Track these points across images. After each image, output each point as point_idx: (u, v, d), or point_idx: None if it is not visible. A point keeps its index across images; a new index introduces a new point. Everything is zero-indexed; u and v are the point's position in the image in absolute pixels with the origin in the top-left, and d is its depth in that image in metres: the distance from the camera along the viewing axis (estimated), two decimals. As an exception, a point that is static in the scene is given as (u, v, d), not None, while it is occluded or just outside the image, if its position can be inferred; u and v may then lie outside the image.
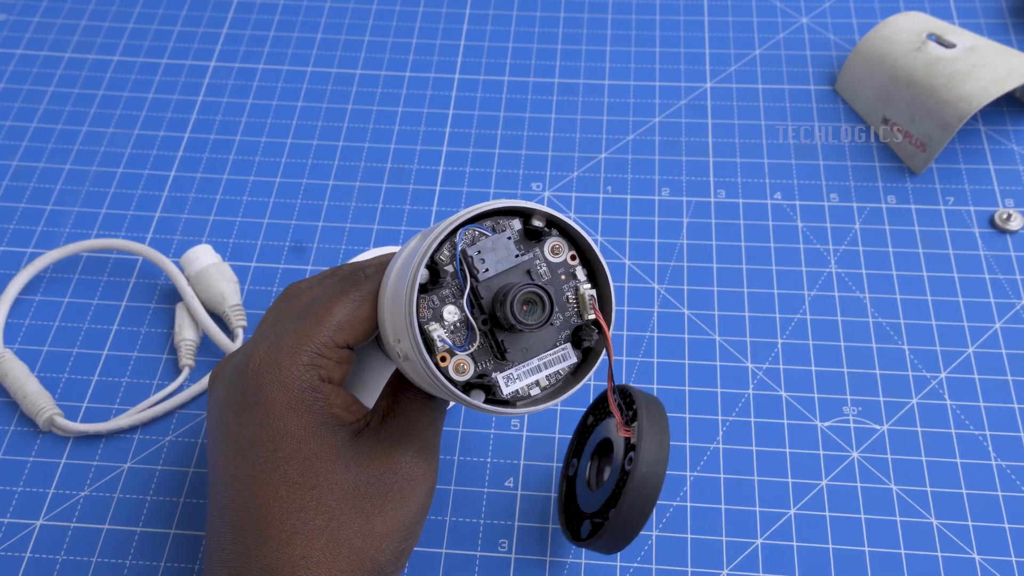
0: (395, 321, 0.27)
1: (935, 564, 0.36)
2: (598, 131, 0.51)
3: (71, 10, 0.58)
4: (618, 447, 0.32)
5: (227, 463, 0.29)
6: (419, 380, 0.28)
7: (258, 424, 0.29)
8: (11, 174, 0.50)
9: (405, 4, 0.57)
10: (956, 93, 0.46)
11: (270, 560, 0.28)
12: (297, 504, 0.28)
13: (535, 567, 0.37)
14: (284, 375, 0.29)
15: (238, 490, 0.29)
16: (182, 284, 0.43)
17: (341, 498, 0.29)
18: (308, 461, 0.29)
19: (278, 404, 0.29)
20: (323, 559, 0.28)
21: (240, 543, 0.28)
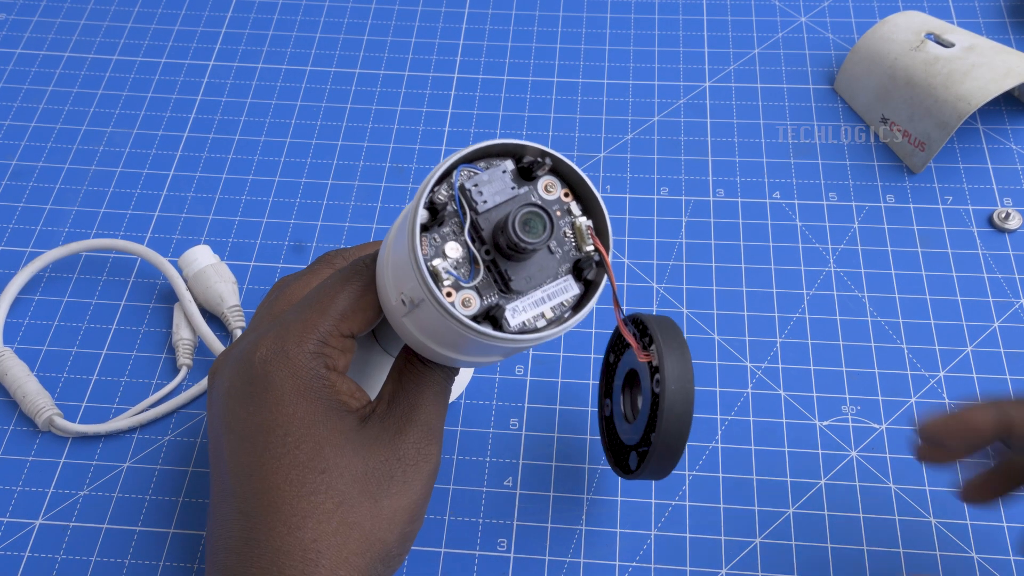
0: (398, 272, 0.28)
1: (934, 563, 0.36)
2: (597, 130, 0.51)
3: (70, 9, 0.58)
4: (643, 374, 0.33)
5: (234, 451, 0.29)
6: (425, 335, 0.29)
7: (267, 411, 0.29)
8: (10, 173, 0.50)
9: (404, 3, 0.57)
10: (955, 92, 0.46)
11: (280, 544, 0.28)
12: (308, 488, 0.29)
13: (534, 566, 0.37)
14: (292, 363, 0.29)
15: (247, 476, 0.29)
16: (180, 287, 0.43)
17: (350, 482, 0.29)
18: (318, 446, 0.29)
19: (287, 391, 0.29)
20: (333, 542, 0.28)
21: (249, 529, 0.29)
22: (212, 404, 0.31)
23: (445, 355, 0.29)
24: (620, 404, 0.35)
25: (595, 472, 0.39)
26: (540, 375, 0.42)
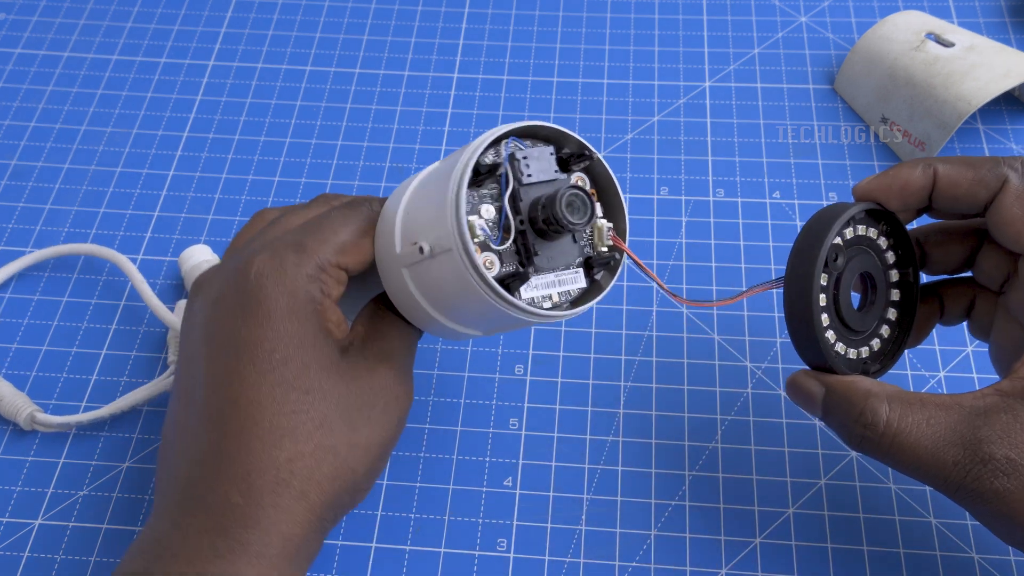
0: (422, 219, 0.29)
1: (934, 563, 0.36)
2: (597, 130, 0.51)
3: (70, 9, 0.58)
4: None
5: (215, 361, 0.29)
6: (422, 288, 0.29)
7: (257, 324, 0.29)
8: (10, 173, 0.50)
9: (404, 3, 0.57)
10: (955, 92, 0.46)
11: (254, 460, 0.28)
12: (290, 407, 0.29)
13: (534, 566, 0.37)
14: (288, 281, 0.29)
15: (226, 388, 0.28)
16: (138, 280, 0.43)
17: (332, 407, 0.29)
18: (304, 366, 0.29)
19: (280, 308, 0.29)
20: (308, 464, 0.28)
21: (219, 442, 0.28)
22: (194, 314, 0.31)
23: (428, 314, 0.30)
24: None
25: (595, 472, 0.39)
26: (540, 375, 0.42)
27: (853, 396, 0.29)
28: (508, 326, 0.31)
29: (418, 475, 0.39)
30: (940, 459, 0.28)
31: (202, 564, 0.27)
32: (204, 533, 0.27)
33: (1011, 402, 0.27)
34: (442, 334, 0.33)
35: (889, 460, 0.29)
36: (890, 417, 0.28)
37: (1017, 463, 0.26)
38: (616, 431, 0.40)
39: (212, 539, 0.27)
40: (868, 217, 0.33)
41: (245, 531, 0.27)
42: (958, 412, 0.28)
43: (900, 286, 0.33)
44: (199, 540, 0.27)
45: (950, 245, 0.33)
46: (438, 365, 0.42)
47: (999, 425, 0.27)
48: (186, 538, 0.27)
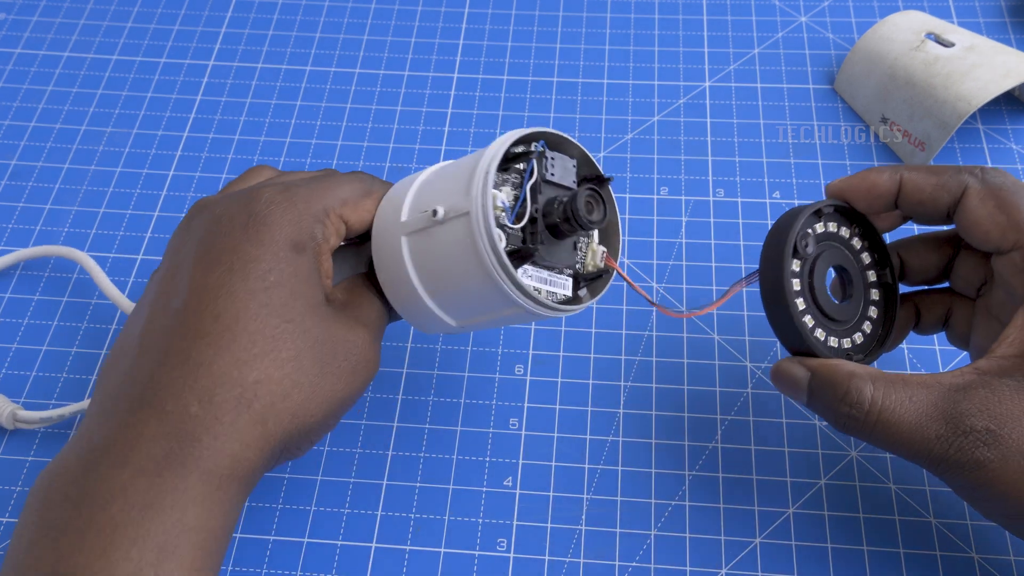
0: (440, 188, 0.30)
1: (934, 563, 0.36)
2: (597, 130, 0.51)
3: (70, 9, 0.58)
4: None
5: (207, 273, 0.29)
6: (417, 258, 0.31)
7: (258, 243, 0.29)
8: (9, 173, 0.50)
9: (404, 3, 0.57)
10: (955, 92, 0.46)
11: (224, 372, 0.28)
12: (271, 331, 0.29)
13: (534, 566, 0.37)
14: (296, 214, 0.30)
15: (211, 300, 0.28)
16: (98, 274, 0.42)
17: (308, 345, 0.29)
18: (293, 296, 0.29)
19: (283, 234, 0.30)
20: (273, 391, 0.28)
21: (189, 350, 0.28)
22: (191, 230, 0.31)
23: (412, 288, 0.31)
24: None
25: (595, 472, 0.39)
26: (540, 375, 0.42)
27: (837, 377, 0.31)
28: (487, 313, 0.31)
29: (418, 475, 0.39)
30: (923, 434, 0.29)
31: (148, 475, 0.26)
32: (156, 440, 0.27)
33: (988, 378, 0.29)
34: (416, 317, 0.33)
35: (874, 439, 0.30)
36: (874, 396, 0.30)
37: (997, 433, 0.28)
38: (616, 431, 0.40)
39: (164, 446, 0.27)
40: (840, 217, 0.34)
41: (198, 444, 0.27)
42: (938, 389, 0.29)
43: (881, 287, 0.35)
44: (149, 447, 0.27)
45: (927, 254, 0.35)
46: (438, 365, 0.42)
47: (978, 399, 0.28)
48: (135, 444, 0.27)
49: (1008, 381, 0.29)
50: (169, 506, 0.26)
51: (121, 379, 0.29)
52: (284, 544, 0.37)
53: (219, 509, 0.28)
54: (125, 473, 0.26)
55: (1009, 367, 0.29)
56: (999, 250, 0.31)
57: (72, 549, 0.26)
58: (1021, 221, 0.30)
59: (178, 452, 0.27)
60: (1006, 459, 0.28)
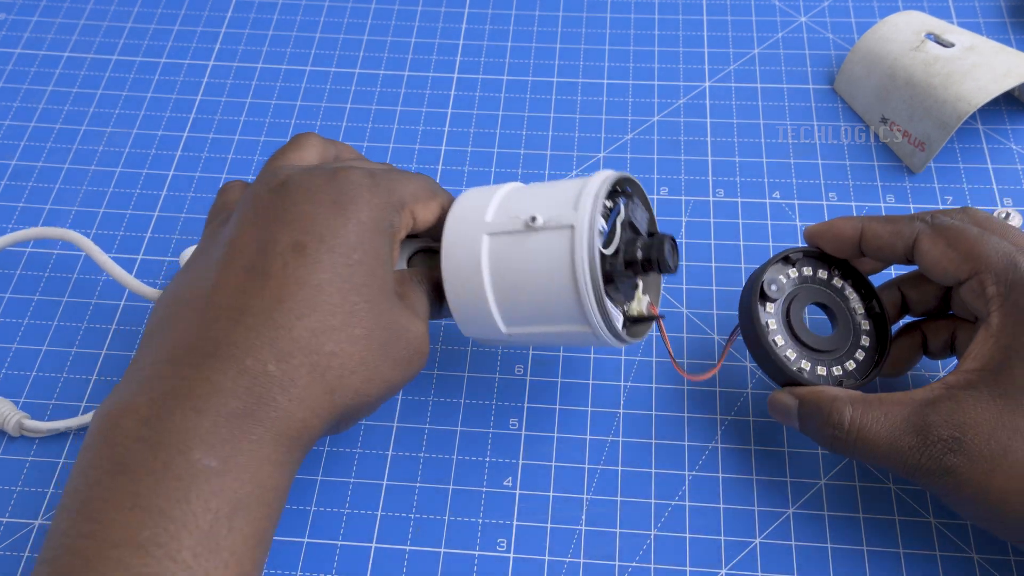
0: (539, 199, 0.33)
1: (934, 563, 0.36)
2: (597, 130, 0.51)
3: (70, 9, 0.58)
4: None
5: (293, 238, 0.29)
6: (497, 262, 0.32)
7: (346, 220, 0.30)
8: (10, 173, 0.50)
9: (404, 3, 0.57)
10: (954, 92, 0.46)
11: (301, 340, 0.28)
12: (350, 307, 0.30)
13: (534, 566, 0.37)
14: (380, 200, 0.31)
15: (296, 265, 0.29)
16: (100, 256, 0.42)
17: (380, 326, 0.30)
18: (372, 277, 0.30)
19: (369, 216, 0.31)
20: (345, 364, 0.29)
21: (271, 311, 0.28)
22: (275, 194, 0.31)
23: (480, 288, 0.33)
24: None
25: (595, 472, 0.39)
26: (540, 375, 0.42)
27: (821, 402, 0.34)
28: (546, 324, 0.33)
29: (418, 475, 0.39)
30: (898, 446, 0.32)
31: (228, 427, 0.27)
32: (235, 393, 0.27)
33: (954, 391, 0.32)
34: (467, 314, 0.34)
35: (858, 454, 0.33)
36: (853, 416, 0.33)
37: (961, 440, 0.31)
38: (616, 431, 0.40)
39: (242, 400, 0.27)
40: (816, 261, 0.39)
41: (273, 403, 0.28)
42: (911, 405, 0.32)
43: (871, 317, 0.38)
44: (228, 400, 0.27)
45: (925, 287, 0.38)
46: (438, 365, 0.42)
47: (945, 411, 0.31)
48: (213, 395, 0.27)
49: (972, 392, 0.31)
50: (245, 461, 0.27)
51: (191, 331, 0.29)
52: (284, 544, 0.37)
53: (285, 470, 0.28)
54: (205, 421, 0.27)
55: (974, 380, 0.32)
56: (958, 281, 0.34)
57: (149, 491, 0.26)
58: (969, 252, 0.33)
59: (254, 409, 0.27)
60: (972, 463, 0.30)
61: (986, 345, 0.32)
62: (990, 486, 0.30)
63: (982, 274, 0.33)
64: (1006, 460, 0.30)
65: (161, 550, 0.25)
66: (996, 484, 0.30)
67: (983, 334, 0.33)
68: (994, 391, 0.31)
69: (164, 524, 0.25)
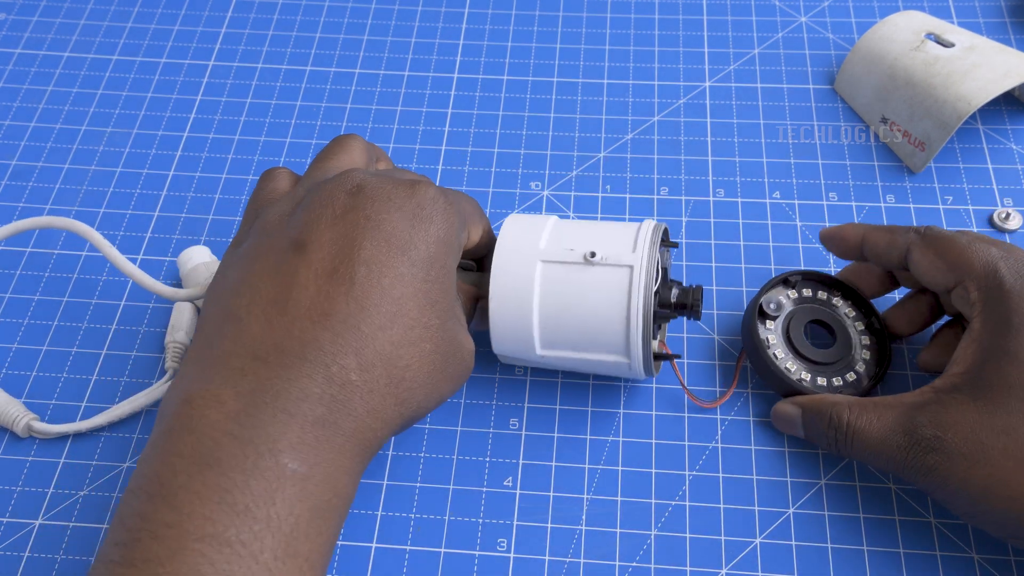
0: (597, 235, 0.36)
1: (934, 563, 0.36)
2: (597, 130, 0.51)
3: (70, 9, 0.58)
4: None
5: (377, 248, 0.30)
6: (547, 289, 0.35)
7: (424, 236, 0.31)
8: (10, 173, 0.50)
9: (404, 3, 0.57)
10: (955, 92, 0.46)
11: (384, 352, 0.29)
12: (427, 321, 0.30)
13: (534, 566, 0.37)
14: (452, 217, 0.32)
15: (380, 275, 0.29)
16: (105, 246, 0.41)
17: (444, 342, 0.31)
18: (444, 293, 0.31)
19: (443, 233, 0.31)
20: (414, 379, 0.30)
21: (361, 320, 0.28)
22: (353, 201, 0.31)
23: (528, 310, 0.35)
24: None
25: (595, 472, 0.39)
26: (540, 376, 0.42)
27: (821, 408, 0.37)
28: (582, 352, 0.36)
29: (418, 475, 0.39)
30: (888, 446, 0.34)
31: (314, 431, 0.27)
32: (321, 399, 0.27)
33: (940, 394, 0.34)
34: (507, 332, 0.36)
35: (855, 454, 0.35)
36: (850, 419, 0.35)
37: (942, 439, 0.32)
38: (616, 431, 0.40)
39: (326, 406, 0.27)
40: (815, 283, 0.42)
41: (353, 412, 0.28)
42: (900, 408, 0.34)
43: (872, 333, 0.41)
44: (313, 405, 0.27)
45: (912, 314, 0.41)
46: (438, 365, 0.42)
47: (930, 412, 0.33)
48: (302, 398, 0.27)
49: (955, 395, 0.33)
50: (326, 468, 0.27)
51: (273, 327, 0.28)
52: (284, 544, 0.37)
53: (356, 479, 0.29)
54: (294, 425, 0.27)
55: (958, 383, 0.33)
56: (947, 289, 0.36)
57: (238, 488, 0.25)
58: (956, 262, 0.35)
59: (337, 415, 0.28)
60: (951, 461, 0.32)
61: (969, 349, 0.34)
62: (971, 482, 0.32)
63: (967, 281, 0.35)
64: (984, 457, 0.32)
65: (245, 549, 0.25)
66: (977, 480, 0.32)
67: (967, 339, 0.34)
68: (974, 392, 0.33)
69: (249, 524, 0.25)
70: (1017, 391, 0.32)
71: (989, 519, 0.32)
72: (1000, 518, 0.32)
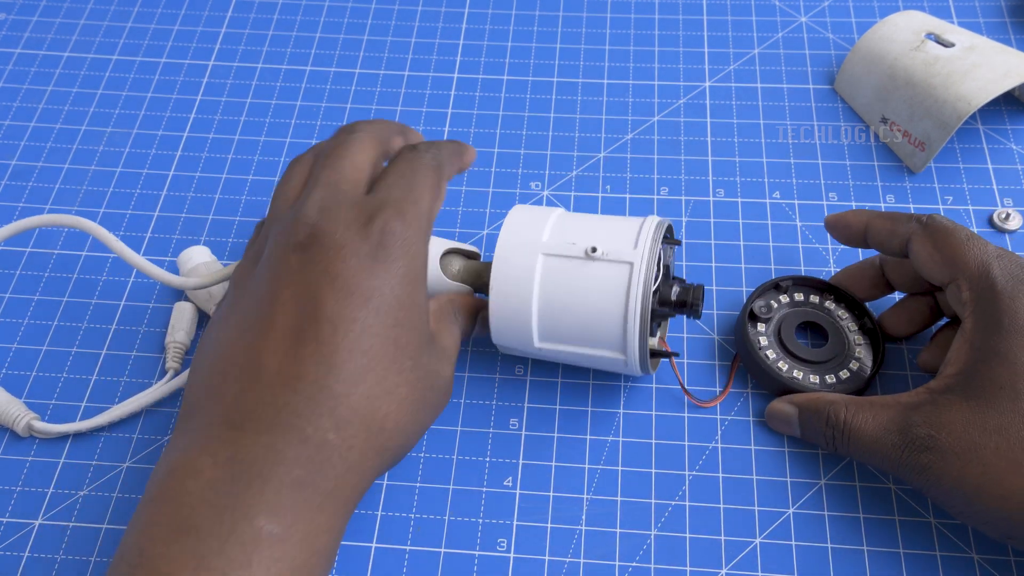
0: (598, 229, 0.36)
1: (934, 563, 0.36)
2: (597, 130, 0.51)
3: (70, 9, 0.58)
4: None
5: (339, 303, 0.29)
6: (549, 287, 0.35)
7: (386, 278, 0.30)
8: (10, 173, 0.50)
9: (404, 3, 0.57)
10: (955, 92, 0.46)
11: (359, 408, 0.29)
12: (399, 367, 0.30)
13: (534, 566, 0.37)
14: (414, 244, 0.31)
15: (346, 331, 0.29)
16: (112, 241, 0.41)
17: (421, 380, 0.31)
18: (414, 333, 0.31)
19: (406, 270, 0.30)
20: (395, 425, 0.30)
21: (332, 380, 0.28)
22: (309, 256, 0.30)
23: (528, 302, 0.35)
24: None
25: (595, 472, 0.39)
26: (540, 375, 0.42)
27: (818, 406, 0.37)
28: (580, 346, 0.36)
29: (418, 475, 0.39)
30: (883, 444, 0.34)
31: (291, 495, 0.27)
32: (298, 462, 0.28)
33: (935, 395, 0.34)
34: (507, 323, 0.36)
35: (851, 451, 0.36)
36: (846, 416, 0.36)
37: (936, 438, 0.33)
38: (616, 431, 0.40)
39: (304, 469, 0.28)
40: (807, 288, 0.42)
41: (332, 471, 0.28)
42: (896, 407, 0.35)
43: (865, 333, 0.41)
44: (290, 468, 0.27)
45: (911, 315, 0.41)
46: (438, 365, 0.42)
47: (925, 412, 0.34)
48: (277, 463, 0.27)
49: (948, 395, 0.34)
50: (305, 528, 0.27)
51: (246, 395, 0.28)
52: (284, 544, 0.37)
53: (338, 536, 0.29)
54: (269, 488, 0.27)
55: (952, 384, 0.34)
56: (942, 284, 0.36)
57: (214, 553, 0.26)
58: (952, 258, 0.35)
59: (315, 477, 0.28)
60: (944, 460, 0.33)
61: (962, 350, 0.34)
62: (964, 481, 0.32)
63: (960, 280, 0.35)
64: (977, 456, 0.32)
65: None
66: (970, 479, 0.32)
67: (959, 339, 0.35)
68: (967, 393, 0.33)
69: None
70: (1008, 391, 0.32)
71: (985, 519, 0.32)
72: (994, 517, 0.32)
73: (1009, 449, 0.31)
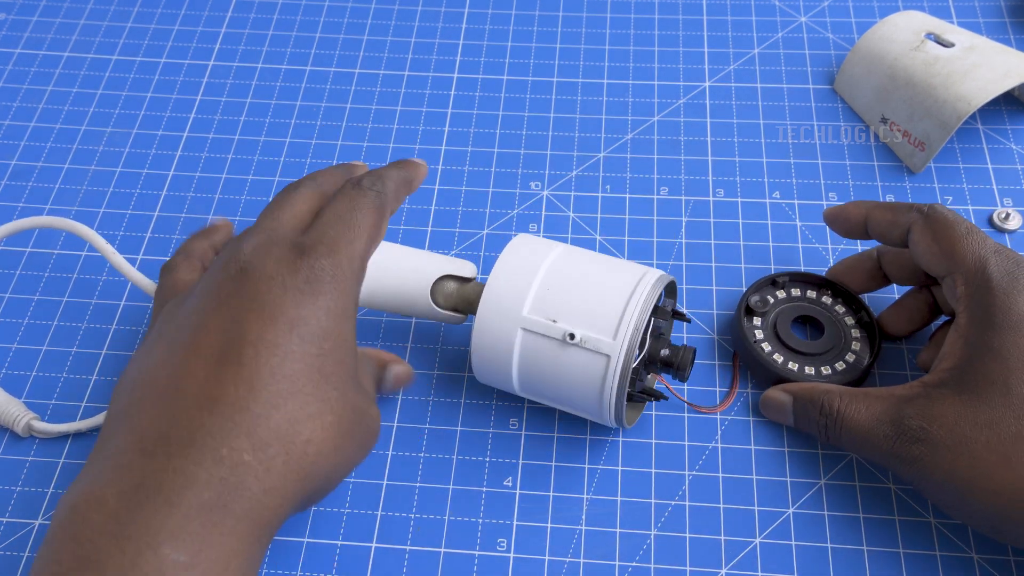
0: (576, 303, 0.35)
1: (934, 563, 0.36)
2: (597, 130, 0.51)
3: (70, 9, 0.58)
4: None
5: (263, 329, 0.29)
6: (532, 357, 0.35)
7: (313, 307, 0.30)
8: (9, 173, 0.50)
9: (404, 3, 0.57)
10: (954, 92, 0.46)
11: (279, 430, 0.28)
12: (323, 394, 0.30)
13: (534, 566, 0.37)
14: (344, 279, 0.31)
15: (269, 356, 0.29)
16: (100, 243, 0.41)
17: (347, 411, 0.30)
18: (340, 364, 0.30)
19: (333, 302, 0.30)
20: (317, 452, 0.29)
21: (245, 399, 0.28)
22: (238, 284, 0.30)
23: (508, 367, 0.36)
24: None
25: (595, 472, 0.39)
26: (540, 375, 0.42)
27: (813, 395, 0.37)
28: (562, 405, 0.37)
29: (418, 475, 0.39)
30: (875, 435, 0.35)
31: (200, 519, 0.26)
32: (209, 484, 0.27)
33: (929, 389, 0.34)
34: (487, 378, 0.38)
35: (843, 442, 0.36)
36: (840, 406, 0.36)
37: (928, 430, 0.33)
38: (616, 431, 0.40)
39: (215, 491, 0.27)
40: (803, 283, 0.43)
41: (247, 493, 0.27)
42: (890, 399, 0.35)
43: (862, 327, 0.41)
44: (201, 491, 0.27)
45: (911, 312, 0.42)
46: (438, 365, 0.42)
47: (918, 405, 0.34)
48: (187, 486, 0.27)
49: (941, 389, 0.34)
50: (215, 554, 0.27)
51: (161, 419, 0.28)
52: (284, 544, 0.37)
53: (255, 560, 0.28)
54: (176, 514, 0.26)
55: (946, 378, 0.34)
56: (939, 276, 0.36)
57: None
58: (950, 251, 0.36)
59: (228, 499, 0.27)
60: (935, 452, 0.33)
61: (956, 345, 0.35)
62: (954, 474, 0.32)
63: (956, 274, 0.35)
64: (967, 449, 0.32)
65: None
66: (960, 472, 0.32)
67: (953, 334, 0.35)
68: (959, 387, 0.33)
69: None
70: (1000, 387, 0.33)
71: (977, 516, 0.33)
72: (986, 513, 0.32)
73: (999, 444, 0.32)
